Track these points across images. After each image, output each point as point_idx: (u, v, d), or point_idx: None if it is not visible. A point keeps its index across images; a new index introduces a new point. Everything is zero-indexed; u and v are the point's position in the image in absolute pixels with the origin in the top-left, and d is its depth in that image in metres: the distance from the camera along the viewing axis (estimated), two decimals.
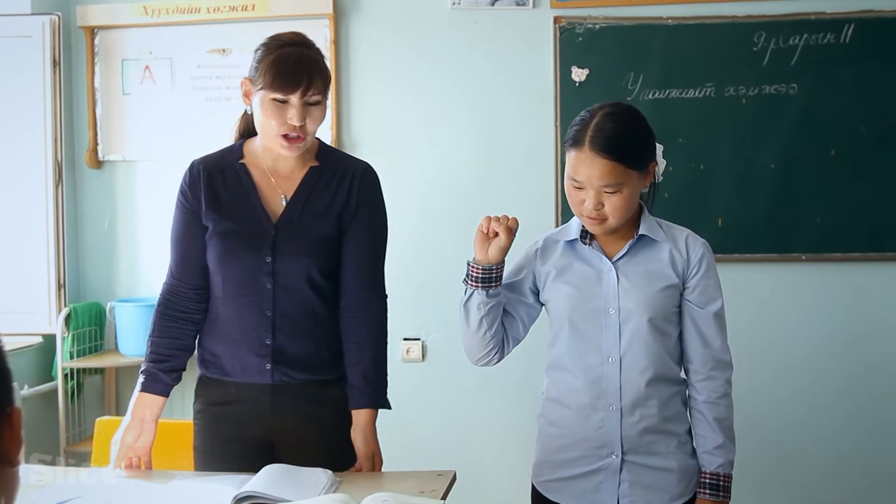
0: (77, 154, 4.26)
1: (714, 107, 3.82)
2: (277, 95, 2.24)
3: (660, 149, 2.16)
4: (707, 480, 2.15)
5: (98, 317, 4.20)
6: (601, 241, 2.19)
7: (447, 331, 4.00)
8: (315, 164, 2.40)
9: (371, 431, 2.38)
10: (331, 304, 2.39)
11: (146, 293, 4.15)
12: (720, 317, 2.17)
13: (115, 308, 4.09)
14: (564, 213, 3.81)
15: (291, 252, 2.33)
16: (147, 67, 4.19)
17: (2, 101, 4.08)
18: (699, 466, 2.16)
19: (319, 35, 4.02)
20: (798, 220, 3.82)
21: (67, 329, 4.03)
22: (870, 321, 3.86)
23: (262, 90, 2.25)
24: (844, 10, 3.75)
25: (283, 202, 2.36)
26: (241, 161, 2.39)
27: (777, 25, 3.78)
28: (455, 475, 2.27)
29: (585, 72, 3.89)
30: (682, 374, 2.21)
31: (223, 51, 4.07)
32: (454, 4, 3.99)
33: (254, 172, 2.38)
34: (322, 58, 2.34)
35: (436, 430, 4.07)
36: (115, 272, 4.27)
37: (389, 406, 2.41)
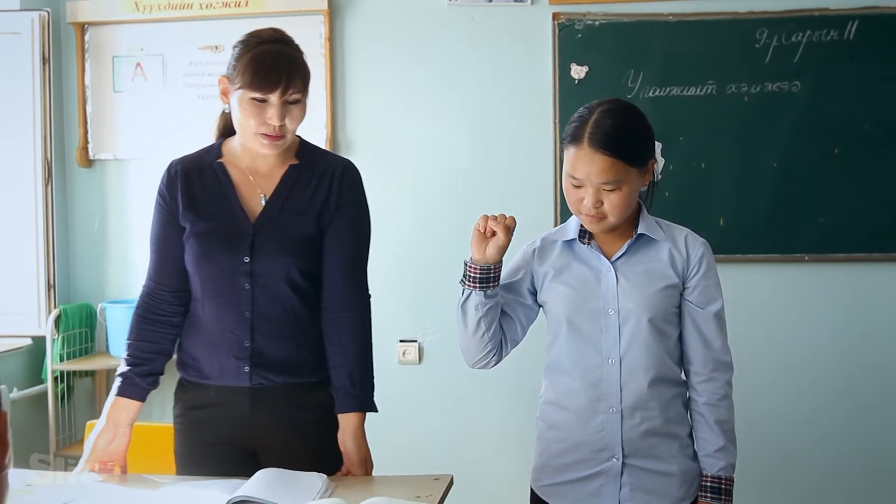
0: (67, 153, 4.26)
1: (715, 105, 3.82)
2: (256, 95, 2.22)
3: (658, 146, 2.15)
4: (709, 484, 2.14)
5: (88, 318, 4.19)
6: (600, 241, 2.18)
7: (444, 332, 4.00)
8: (295, 163, 2.38)
9: (362, 435, 2.37)
10: (312, 306, 2.37)
11: (137, 294, 4.13)
12: (720, 317, 2.17)
13: (106, 309, 4.09)
14: (563, 213, 3.81)
15: (270, 252, 2.31)
16: (138, 64, 4.18)
17: None
18: (700, 470, 2.16)
19: (314, 32, 4.03)
20: (801, 220, 3.82)
21: (57, 331, 4.03)
22: (873, 323, 3.86)
23: (241, 89, 2.23)
24: (848, 7, 3.75)
25: (263, 201, 2.34)
26: (219, 160, 2.38)
27: (780, 22, 3.78)
28: (452, 479, 2.27)
29: (585, 69, 3.89)
30: (683, 376, 2.21)
31: (216, 47, 4.07)
32: (451, 0, 3.99)
33: (232, 172, 2.37)
34: (301, 54, 2.32)
35: (432, 434, 4.07)
36: (106, 273, 4.26)
37: (376, 409, 2.40)
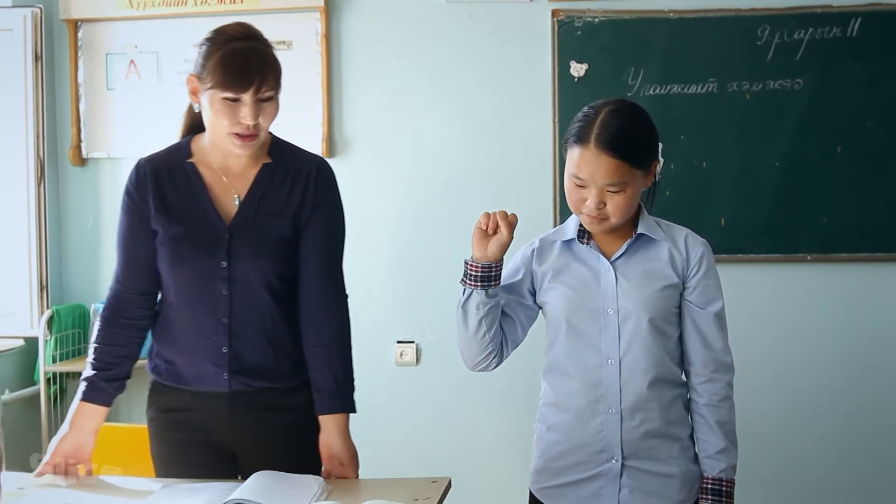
0: (60, 151, 4.26)
1: (717, 103, 3.83)
2: (228, 94, 2.19)
3: (660, 147, 2.16)
4: (710, 486, 2.15)
5: (82, 319, 4.20)
6: (599, 241, 2.19)
7: (442, 333, 4.00)
8: (268, 161, 2.35)
9: (349, 434, 2.36)
10: (288, 309, 2.36)
11: None
12: (721, 317, 2.17)
13: (100, 310, 4.07)
14: (563, 212, 3.82)
15: (248, 256, 2.29)
16: (132, 62, 4.18)
17: None
18: (701, 472, 2.17)
19: (310, 29, 4.03)
20: (803, 220, 3.82)
21: (50, 332, 4.03)
22: (876, 324, 3.86)
23: (212, 89, 2.20)
24: (851, 3, 3.76)
25: (237, 202, 2.32)
26: (190, 160, 2.33)
27: (782, 19, 3.79)
28: (450, 482, 2.27)
29: (584, 67, 3.89)
30: (684, 377, 2.21)
31: None
32: None
33: (203, 171, 2.33)
34: (272, 49, 2.28)
35: (430, 436, 4.07)
36: (100, 273, 4.26)
37: (356, 409, 2.39)
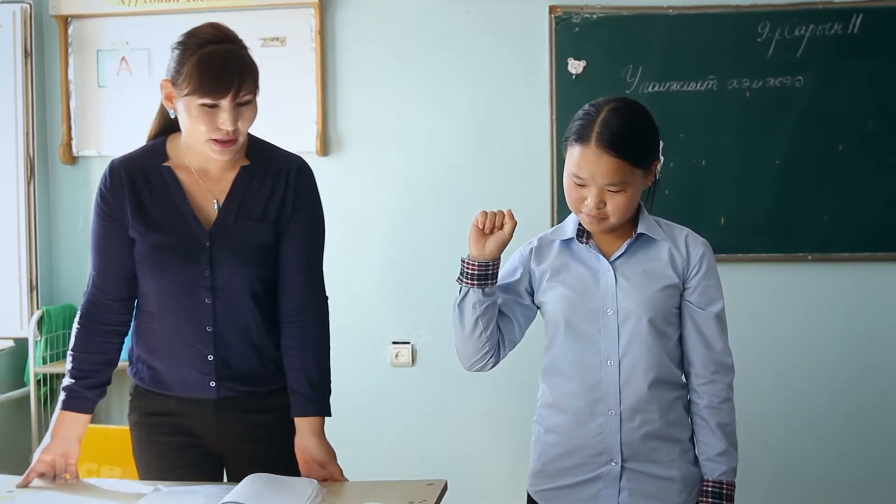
0: (50, 149, 4.25)
1: (716, 100, 3.83)
2: (206, 100, 2.14)
3: (661, 145, 2.16)
4: (710, 489, 2.15)
5: (72, 320, 4.09)
6: (598, 241, 2.19)
7: (438, 334, 4.00)
8: (246, 164, 2.31)
9: (324, 436, 2.35)
10: (271, 312, 2.35)
11: None
12: (721, 318, 2.17)
13: None
14: (560, 210, 3.82)
15: (230, 263, 2.27)
16: (123, 59, 4.18)
17: None
18: (701, 475, 2.17)
19: (304, 25, 4.03)
20: (804, 219, 3.83)
21: (40, 332, 4.02)
22: (878, 324, 3.87)
23: (189, 95, 2.15)
24: (853, 0, 3.76)
25: (216, 207, 2.29)
26: (166, 164, 2.30)
27: (782, 15, 3.79)
28: (446, 485, 2.27)
29: (582, 64, 3.89)
30: (684, 378, 2.21)
31: None
32: None
33: (181, 175, 2.29)
34: (247, 50, 2.24)
35: (426, 438, 4.07)
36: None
37: (331, 413, 2.38)
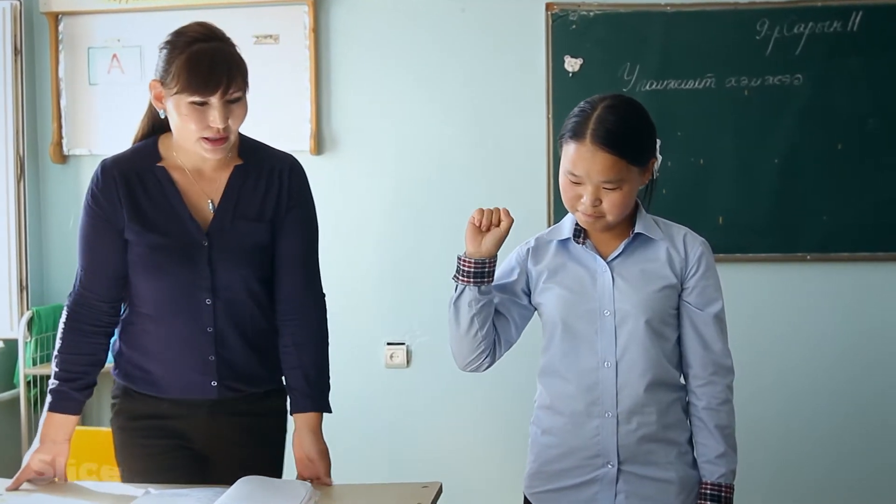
0: (40, 148, 4.25)
1: (715, 99, 3.84)
2: (196, 98, 2.16)
3: (658, 143, 2.16)
4: (708, 491, 2.15)
5: None
6: (595, 241, 2.19)
7: (433, 335, 4.00)
8: (239, 163, 2.34)
9: (321, 434, 2.37)
10: (268, 312, 2.38)
11: None
12: (720, 319, 2.17)
13: None
14: (557, 210, 3.82)
15: (229, 264, 2.29)
16: (115, 56, 4.17)
17: None
18: (700, 477, 2.17)
19: (298, 23, 4.03)
20: (803, 219, 3.83)
21: (30, 333, 4.02)
22: (877, 324, 3.87)
23: (178, 94, 2.17)
24: None
25: (211, 208, 2.31)
26: (160, 164, 2.31)
27: (781, 13, 3.79)
28: (441, 487, 2.27)
29: (579, 61, 3.89)
30: (682, 380, 2.21)
31: None
32: None
33: (175, 176, 2.31)
34: (236, 48, 2.26)
35: (421, 440, 4.07)
36: None
37: (331, 409, 2.40)
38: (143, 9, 4.09)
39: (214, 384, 2.32)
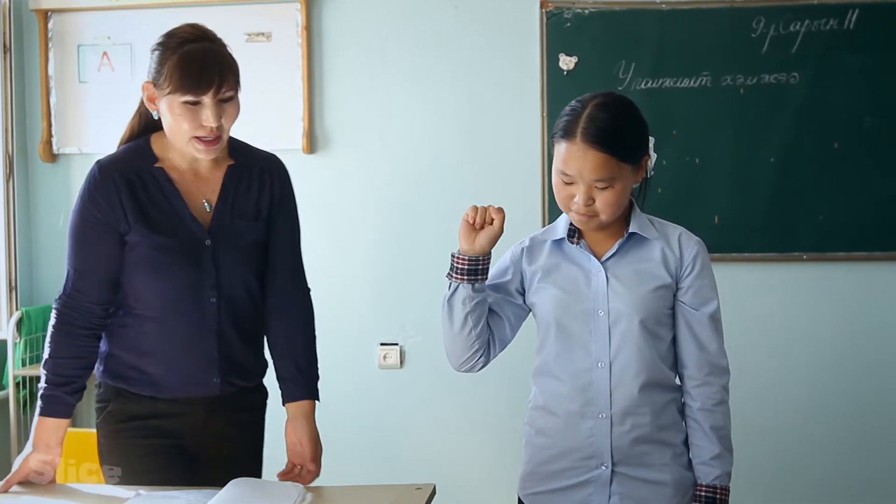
0: (29, 146, 4.24)
1: (710, 97, 3.84)
2: (188, 98, 2.20)
3: (651, 141, 2.16)
4: (703, 493, 2.15)
5: None
6: (589, 240, 2.19)
7: (426, 335, 4.00)
8: (231, 163, 2.39)
9: (315, 423, 2.46)
10: (259, 308, 2.45)
11: None
12: (716, 319, 2.18)
13: None
14: (551, 209, 3.82)
15: (231, 262, 2.35)
16: (105, 54, 4.17)
17: None
18: (695, 479, 2.17)
19: (290, 20, 4.03)
20: (799, 218, 3.84)
21: (19, 334, 4.01)
22: (874, 324, 3.88)
23: (171, 94, 2.21)
24: None
25: (207, 207, 2.35)
26: (158, 165, 2.34)
27: (777, 11, 3.80)
28: (434, 489, 2.27)
29: (574, 59, 3.90)
30: (678, 381, 2.22)
31: None
32: None
33: (173, 176, 2.34)
34: (227, 48, 2.30)
35: (414, 441, 4.07)
36: None
37: (320, 398, 2.49)
38: (134, 6, 4.09)
39: (217, 381, 2.36)
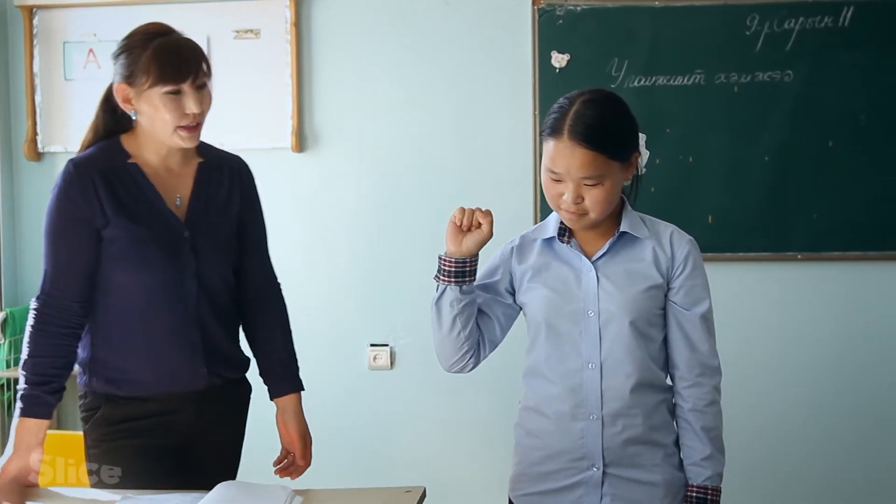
0: (14, 145, 4.23)
1: (704, 95, 3.85)
2: (169, 88, 2.27)
3: (642, 138, 2.17)
4: (694, 494, 2.17)
5: None
6: (580, 239, 2.20)
7: (417, 336, 4.00)
8: (201, 160, 2.47)
9: (302, 413, 2.59)
10: (236, 301, 2.55)
11: None
12: (707, 319, 2.19)
13: None
14: (543, 209, 3.83)
15: (208, 253, 2.42)
16: (91, 51, 4.16)
17: None
18: (686, 480, 2.18)
19: (279, 16, 4.02)
20: (794, 217, 3.85)
21: (4, 335, 4.00)
22: (870, 324, 3.89)
23: (152, 87, 2.28)
24: None
25: (178, 203, 2.41)
26: (132, 161, 2.39)
27: (771, 8, 3.81)
28: (425, 491, 2.28)
29: (566, 57, 3.90)
30: (668, 381, 2.22)
31: None
32: None
33: (147, 172, 2.40)
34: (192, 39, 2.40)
35: (405, 443, 4.07)
36: None
37: (304, 387, 2.62)
38: (120, 2, 4.08)
39: (204, 370, 2.41)
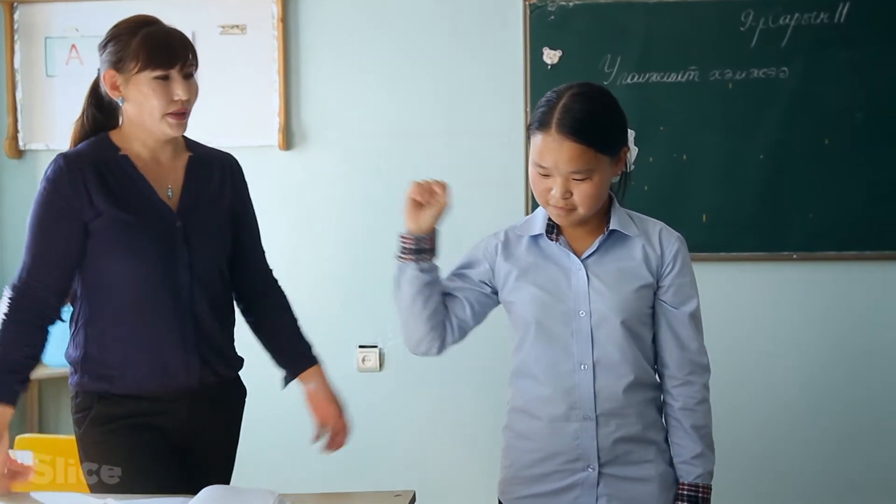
0: None
1: (698, 92, 3.85)
2: (159, 72, 2.32)
3: (631, 134, 2.16)
4: (685, 492, 2.18)
5: None
6: (569, 237, 2.20)
7: None
8: (191, 154, 2.51)
9: (327, 382, 2.67)
10: (230, 294, 2.58)
11: None
12: (696, 317, 2.20)
13: None
14: (534, 206, 3.81)
15: (201, 244, 2.44)
16: (73, 46, 4.15)
17: None
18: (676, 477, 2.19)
19: (265, 12, 4.02)
20: (789, 216, 3.86)
21: None
22: (865, 324, 3.91)
23: (140, 72, 2.32)
24: None
25: (170, 194, 2.43)
26: (122, 153, 2.41)
27: (766, 4, 3.82)
28: (415, 495, 2.28)
29: (558, 53, 3.90)
30: (657, 378, 2.23)
31: None
32: None
33: (137, 164, 2.42)
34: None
35: (394, 446, 4.07)
36: None
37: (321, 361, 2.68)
38: None
39: (197, 364, 2.41)
